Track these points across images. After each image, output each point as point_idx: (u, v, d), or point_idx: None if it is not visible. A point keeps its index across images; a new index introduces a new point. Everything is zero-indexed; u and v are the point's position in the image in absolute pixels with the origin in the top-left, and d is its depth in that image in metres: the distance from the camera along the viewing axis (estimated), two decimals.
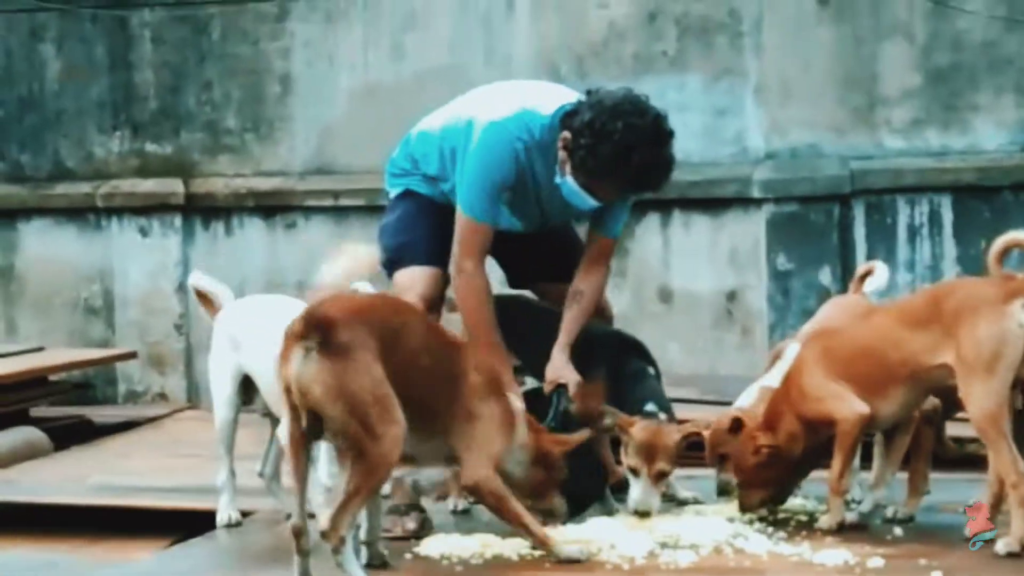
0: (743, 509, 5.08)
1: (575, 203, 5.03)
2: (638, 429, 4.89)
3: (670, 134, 5.00)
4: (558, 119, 5.01)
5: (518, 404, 4.68)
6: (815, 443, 4.99)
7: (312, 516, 4.40)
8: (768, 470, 5.01)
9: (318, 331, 4.13)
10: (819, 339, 5.05)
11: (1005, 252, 4.67)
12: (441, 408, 4.45)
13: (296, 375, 4.15)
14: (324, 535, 4.18)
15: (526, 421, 4.68)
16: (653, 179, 5.02)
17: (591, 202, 5.01)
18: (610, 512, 5.08)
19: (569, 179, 4.97)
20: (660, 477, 4.91)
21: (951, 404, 4.95)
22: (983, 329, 4.56)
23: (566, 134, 4.95)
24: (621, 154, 4.87)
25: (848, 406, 4.84)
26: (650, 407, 5.04)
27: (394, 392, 4.23)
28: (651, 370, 5.28)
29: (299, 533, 4.25)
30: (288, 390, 4.19)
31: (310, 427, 4.20)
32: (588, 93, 5.05)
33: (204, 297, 5.49)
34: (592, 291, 5.21)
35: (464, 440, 4.47)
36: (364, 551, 4.49)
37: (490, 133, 5.02)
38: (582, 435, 4.81)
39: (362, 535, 4.51)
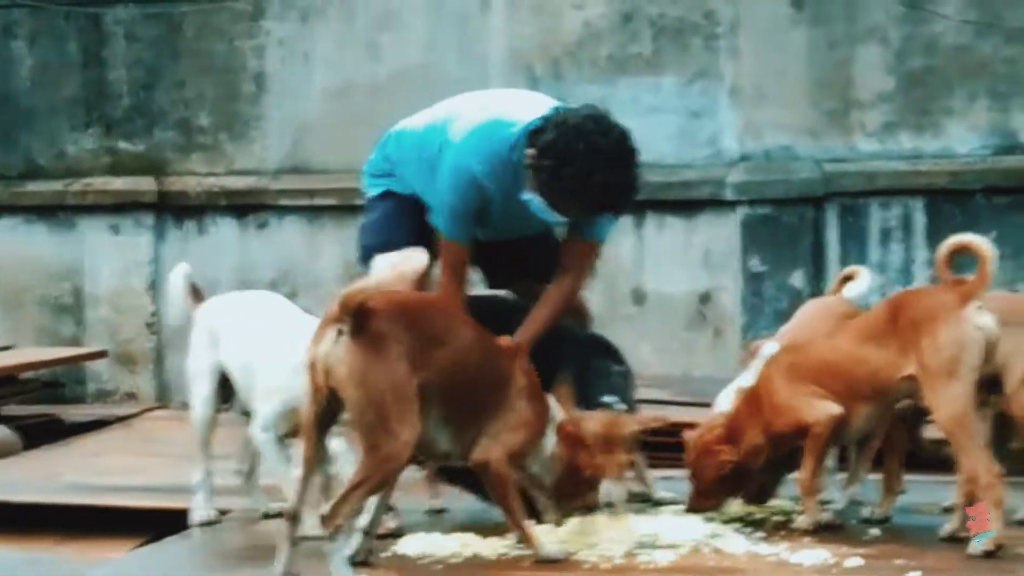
0: (691, 510, 5.09)
1: (544, 218, 5.02)
2: (592, 423, 4.86)
3: (633, 153, 4.95)
4: (525, 136, 5.00)
5: (558, 415, 4.70)
6: (783, 451, 5.00)
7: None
8: (727, 483, 5.03)
9: (354, 316, 4.15)
10: (784, 355, 5.06)
11: (952, 255, 4.67)
12: (485, 409, 4.50)
13: (324, 354, 4.18)
14: (323, 520, 4.19)
15: (570, 437, 4.67)
16: (616, 200, 4.99)
17: (559, 218, 5.01)
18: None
19: (536, 196, 4.97)
20: (621, 468, 4.87)
21: (926, 407, 4.96)
22: (942, 336, 4.59)
23: (531, 151, 4.94)
24: (583, 176, 4.85)
25: (820, 409, 4.86)
26: (607, 399, 5.03)
27: (438, 393, 4.27)
28: (616, 368, 5.26)
29: (293, 519, 4.25)
30: (313, 368, 4.20)
31: (328, 412, 4.21)
32: (556, 111, 5.02)
33: (195, 290, 5.46)
34: (558, 294, 5.17)
35: (491, 427, 4.50)
36: (356, 538, 4.49)
37: (454, 158, 5.03)
38: (615, 466, 4.84)
39: (362, 523, 4.51)
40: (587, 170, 4.83)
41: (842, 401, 4.84)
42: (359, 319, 4.18)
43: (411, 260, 4.24)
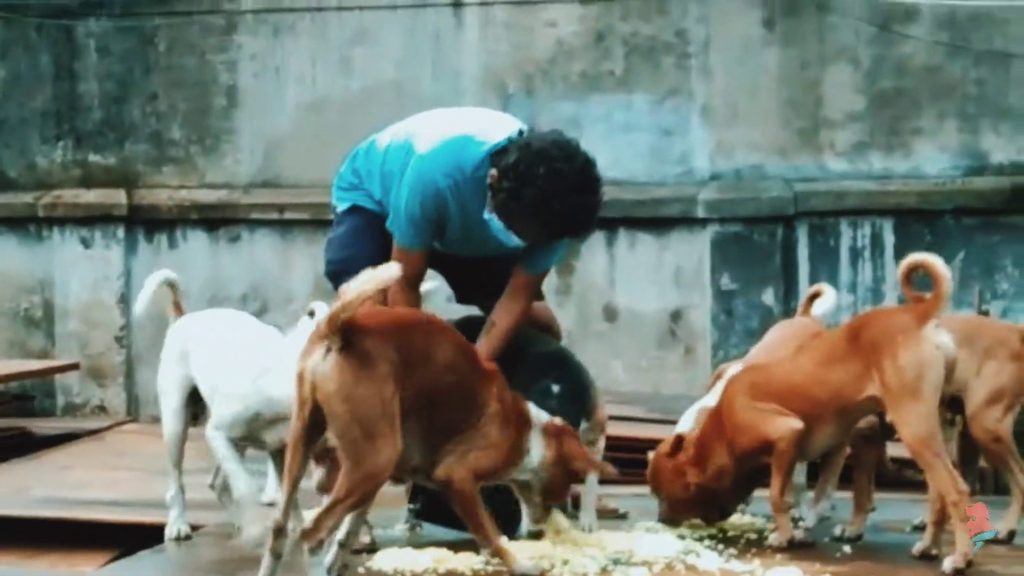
0: (664, 521, 5.14)
1: (503, 240, 5.03)
2: None
3: (596, 181, 4.96)
4: (490, 155, 5.01)
5: (543, 419, 4.69)
6: (749, 469, 5.04)
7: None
8: (695, 503, 5.07)
9: (343, 333, 4.16)
10: (746, 375, 5.09)
11: (910, 274, 4.72)
12: (458, 427, 4.50)
13: (312, 368, 4.19)
14: (304, 534, 4.19)
15: (558, 433, 4.70)
16: (574, 226, 4.99)
17: (517, 240, 5.02)
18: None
19: (496, 217, 4.98)
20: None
21: (891, 426, 5.00)
22: (903, 356, 4.62)
23: (494, 172, 4.95)
24: (542, 200, 4.85)
25: (782, 424, 4.89)
26: None
27: (415, 408, 4.30)
28: (555, 388, 5.22)
29: (279, 532, 4.25)
30: (301, 381, 4.20)
31: (312, 427, 4.22)
32: (520, 133, 5.04)
33: (176, 302, 5.47)
34: (505, 324, 5.17)
35: (459, 446, 4.50)
36: (333, 550, 4.49)
37: (418, 166, 5.05)
38: (606, 466, 4.92)
39: (340, 535, 4.50)
40: (547, 194, 4.84)
41: (804, 420, 4.88)
42: (348, 336, 4.19)
43: (385, 271, 4.25)
